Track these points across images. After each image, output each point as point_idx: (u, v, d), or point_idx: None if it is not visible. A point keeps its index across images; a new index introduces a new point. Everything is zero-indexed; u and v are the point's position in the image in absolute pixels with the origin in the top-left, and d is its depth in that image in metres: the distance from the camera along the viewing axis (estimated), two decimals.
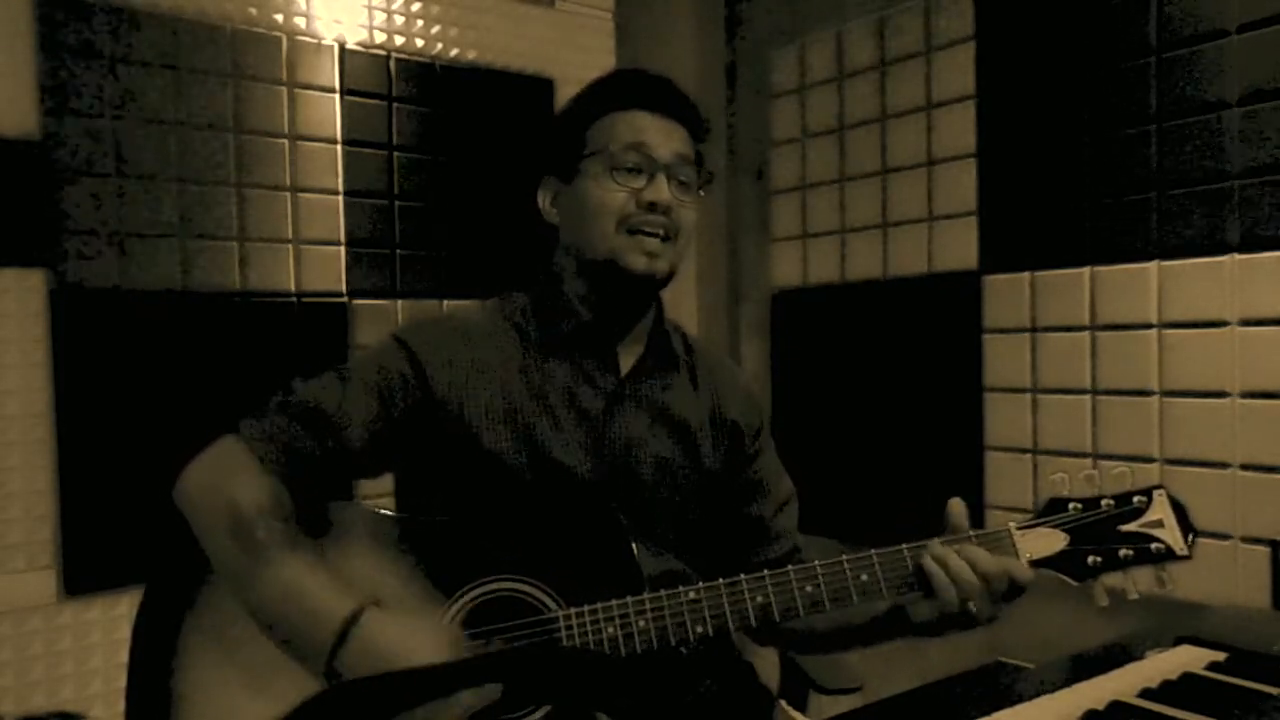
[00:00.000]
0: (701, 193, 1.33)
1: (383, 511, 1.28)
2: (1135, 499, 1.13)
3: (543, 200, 1.36)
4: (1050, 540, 1.12)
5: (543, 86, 2.60)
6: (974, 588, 1.10)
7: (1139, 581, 1.11)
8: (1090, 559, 1.11)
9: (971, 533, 1.13)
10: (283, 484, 1.18)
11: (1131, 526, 1.11)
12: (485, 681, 1.10)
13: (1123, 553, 1.10)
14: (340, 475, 1.27)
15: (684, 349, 1.41)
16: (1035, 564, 1.12)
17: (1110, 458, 2.11)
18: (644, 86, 1.32)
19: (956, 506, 1.17)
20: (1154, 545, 1.11)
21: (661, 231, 1.26)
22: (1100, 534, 1.11)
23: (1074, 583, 1.11)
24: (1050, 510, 1.14)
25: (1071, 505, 1.13)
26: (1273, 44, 1.89)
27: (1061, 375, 2.22)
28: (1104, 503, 1.13)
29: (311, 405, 1.22)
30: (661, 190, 1.26)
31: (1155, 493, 1.13)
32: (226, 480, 1.17)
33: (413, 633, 1.09)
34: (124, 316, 2.04)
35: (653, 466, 1.32)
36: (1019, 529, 1.13)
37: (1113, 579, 1.11)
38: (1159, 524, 1.11)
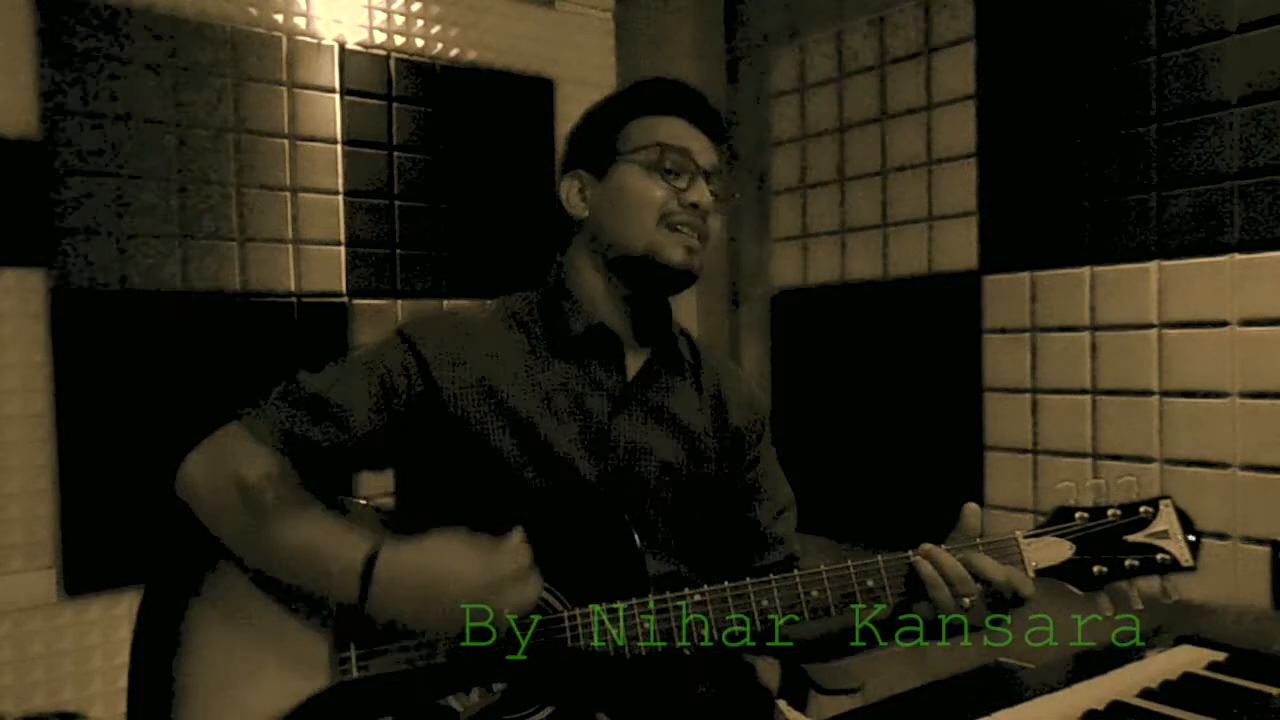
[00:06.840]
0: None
1: (384, 510, 1.28)
2: (1141, 509, 1.13)
3: (568, 194, 1.35)
4: (1057, 549, 1.12)
5: (542, 87, 2.59)
6: (969, 588, 1.10)
7: (1144, 590, 1.11)
8: (1096, 569, 1.11)
9: (979, 540, 1.13)
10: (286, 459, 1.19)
11: (1138, 537, 1.12)
12: (487, 681, 1.11)
13: (1128, 563, 1.11)
14: (341, 465, 1.28)
15: (690, 353, 1.42)
16: (1042, 573, 1.12)
17: (1110, 458, 2.11)
18: (684, 97, 1.34)
19: (972, 512, 1.17)
20: (1160, 556, 1.11)
21: (698, 232, 1.29)
22: (1106, 544, 1.12)
23: (1080, 592, 1.12)
24: (1057, 519, 1.15)
25: (1078, 514, 1.14)
26: (1273, 44, 1.88)
27: (1061, 375, 2.21)
28: (1110, 512, 1.13)
29: (314, 394, 1.23)
30: (703, 192, 1.28)
31: (1161, 503, 1.13)
32: (229, 460, 1.18)
33: (431, 549, 1.09)
34: (124, 316, 2.03)
35: (656, 470, 1.32)
36: (1026, 537, 1.14)
37: (1118, 588, 1.11)
38: (1165, 534, 1.12)
